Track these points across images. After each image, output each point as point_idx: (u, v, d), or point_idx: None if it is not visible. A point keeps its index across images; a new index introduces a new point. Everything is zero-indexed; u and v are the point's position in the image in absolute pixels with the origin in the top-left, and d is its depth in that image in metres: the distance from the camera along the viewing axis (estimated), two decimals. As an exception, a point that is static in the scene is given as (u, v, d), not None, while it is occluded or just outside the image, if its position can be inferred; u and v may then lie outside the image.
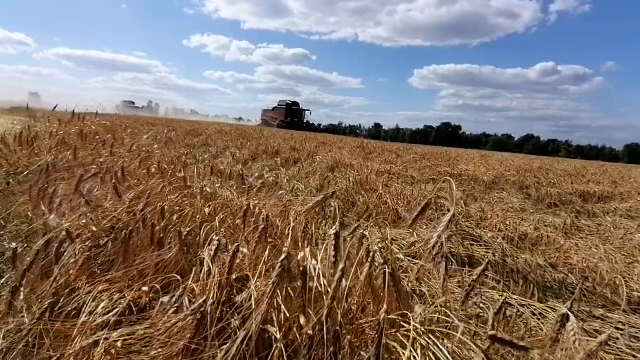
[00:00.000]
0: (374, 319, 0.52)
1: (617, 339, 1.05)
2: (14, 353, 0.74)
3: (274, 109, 37.64)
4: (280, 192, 1.94)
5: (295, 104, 36.85)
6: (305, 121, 35.61)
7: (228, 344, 0.51)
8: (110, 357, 0.60)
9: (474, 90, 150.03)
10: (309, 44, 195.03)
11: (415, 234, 1.71)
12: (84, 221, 1.12)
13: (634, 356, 0.94)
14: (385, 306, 0.47)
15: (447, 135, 54.76)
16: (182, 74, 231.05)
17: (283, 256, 0.53)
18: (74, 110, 4.09)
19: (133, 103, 42.27)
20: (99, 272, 0.95)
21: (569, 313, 0.45)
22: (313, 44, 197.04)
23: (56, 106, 4.22)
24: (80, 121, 4.04)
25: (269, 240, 0.87)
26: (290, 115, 34.36)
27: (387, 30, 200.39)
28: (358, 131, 59.85)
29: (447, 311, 0.55)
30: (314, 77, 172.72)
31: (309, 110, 37.66)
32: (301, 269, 0.58)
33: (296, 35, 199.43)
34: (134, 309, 0.76)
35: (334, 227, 0.57)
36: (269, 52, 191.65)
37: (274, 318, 0.61)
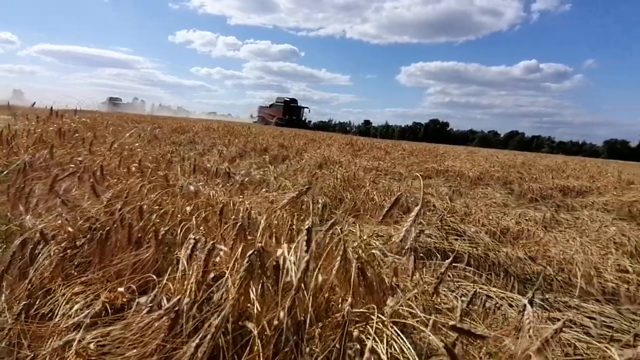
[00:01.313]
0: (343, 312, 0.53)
1: (590, 327, 1.09)
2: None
3: (271, 105, 35.97)
4: (265, 189, 1.93)
5: (294, 100, 35.10)
6: (303, 118, 34.18)
7: (199, 336, 0.51)
8: (82, 359, 0.59)
9: (460, 88, 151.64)
10: (297, 40, 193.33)
11: (398, 229, 1.73)
12: (59, 221, 1.09)
13: (606, 345, 0.98)
14: (350, 299, 0.48)
15: (435, 131, 55.43)
16: (167, 70, 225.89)
17: (251, 251, 0.53)
18: (52, 107, 3.96)
19: (120, 99, 40.78)
20: (75, 273, 0.94)
21: (527, 304, 0.47)
22: (301, 40, 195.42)
23: (34, 103, 4.08)
24: (58, 118, 3.92)
25: (249, 237, 0.87)
26: (289, 113, 32.84)
27: (374, 27, 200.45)
28: (347, 128, 59.94)
29: (412, 304, 0.56)
30: (303, 73, 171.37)
31: (307, 107, 36.03)
32: (274, 264, 0.59)
33: (283, 31, 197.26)
34: (109, 310, 0.75)
35: (307, 222, 0.58)
36: (255, 48, 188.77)
37: (252, 313, 0.61)
